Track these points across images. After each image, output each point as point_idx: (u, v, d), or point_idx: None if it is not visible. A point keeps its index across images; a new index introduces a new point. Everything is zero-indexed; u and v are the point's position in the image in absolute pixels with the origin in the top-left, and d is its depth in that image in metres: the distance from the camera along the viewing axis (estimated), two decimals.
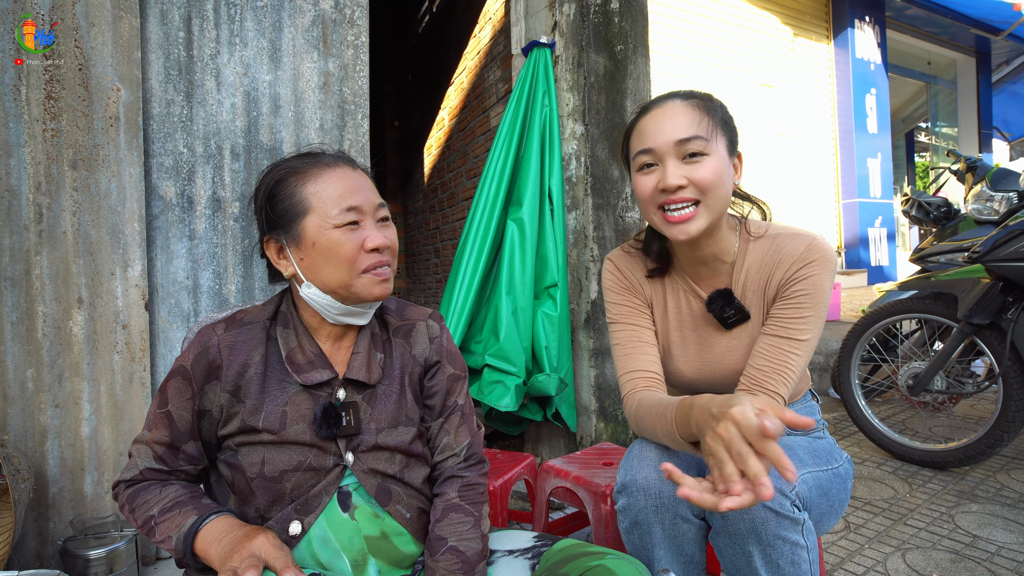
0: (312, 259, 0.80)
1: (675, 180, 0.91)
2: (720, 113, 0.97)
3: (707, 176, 0.91)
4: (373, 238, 0.80)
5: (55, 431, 1.49)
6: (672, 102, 0.96)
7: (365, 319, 0.86)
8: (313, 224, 0.79)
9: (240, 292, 1.73)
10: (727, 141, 0.96)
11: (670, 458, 0.94)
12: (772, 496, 0.65)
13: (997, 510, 1.81)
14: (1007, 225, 1.98)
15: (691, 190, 0.92)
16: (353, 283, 0.80)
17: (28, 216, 1.46)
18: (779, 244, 1.00)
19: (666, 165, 0.93)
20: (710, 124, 0.92)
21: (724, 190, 0.94)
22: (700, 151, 0.91)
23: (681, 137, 0.91)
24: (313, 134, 1.83)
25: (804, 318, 0.94)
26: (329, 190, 0.80)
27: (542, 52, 2.24)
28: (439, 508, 0.85)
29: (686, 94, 0.97)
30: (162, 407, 0.80)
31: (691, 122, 0.92)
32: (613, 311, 1.11)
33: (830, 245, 0.98)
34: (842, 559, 1.56)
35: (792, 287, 0.96)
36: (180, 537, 0.74)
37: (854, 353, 2.45)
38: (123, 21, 1.56)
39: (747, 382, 0.96)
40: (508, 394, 2.00)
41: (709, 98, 0.98)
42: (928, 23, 6.28)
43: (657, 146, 0.93)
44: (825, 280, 0.95)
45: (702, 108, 0.94)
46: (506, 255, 2.15)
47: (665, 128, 0.93)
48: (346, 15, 1.89)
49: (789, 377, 0.94)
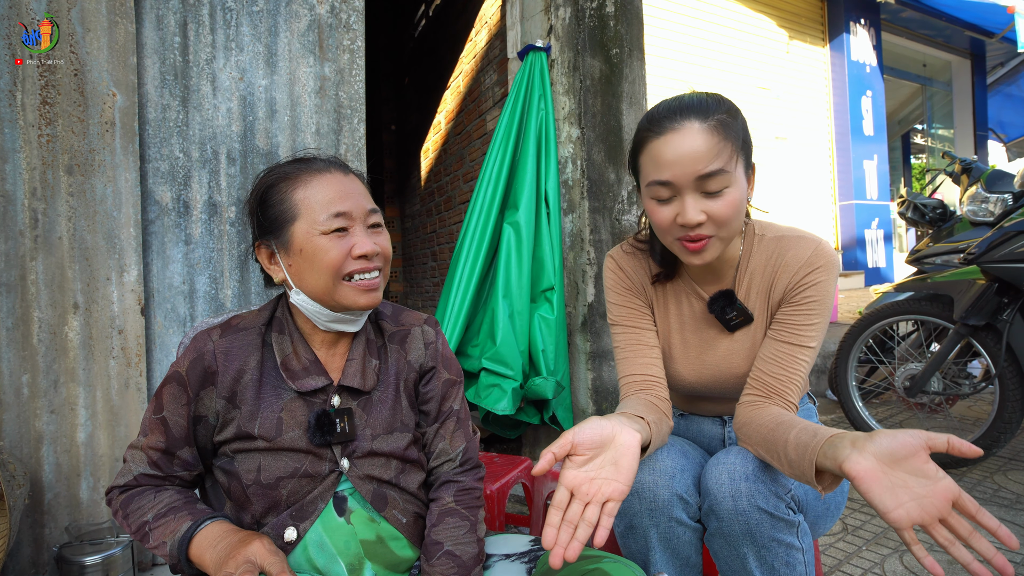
0: (299, 265, 0.80)
1: (695, 217, 0.85)
2: (741, 133, 0.88)
3: (726, 212, 0.86)
4: (361, 244, 0.79)
5: (51, 437, 1.48)
6: (690, 125, 0.85)
7: (356, 327, 0.86)
8: (301, 230, 0.79)
9: (236, 297, 1.73)
10: (745, 160, 0.90)
11: (664, 460, 0.93)
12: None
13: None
14: (1002, 226, 1.99)
15: (708, 226, 0.87)
16: (337, 290, 0.79)
17: (23, 221, 1.46)
18: (784, 247, 0.98)
19: (684, 200, 0.86)
20: (731, 152, 0.85)
21: (741, 216, 0.90)
22: (723, 186, 0.85)
23: (702, 172, 0.84)
24: (309, 138, 1.84)
25: (813, 324, 0.93)
26: (318, 196, 0.79)
27: (538, 56, 2.24)
28: (435, 513, 0.85)
29: (702, 109, 0.86)
30: (157, 413, 0.80)
31: (713, 153, 0.83)
32: (614, 312, 1.09)
33: (833, 249, 0.97)
34: (840, 560, 1.56)
35: (800, 293, 0.94)
36: (175, 543, 0.74)
37: (851, 355, 2.45)
38: (119, 26, 1.56)
39: (760, 388, 0.94)
40: (505, 398, 2.00)
41: (729, 114, 0.88)
42: (923, 26, 6.32)
43: (675, 179, 0.85)
44: (831, 286, 0.94)
45: (723, 133, 0.85)
46: (502, 259, 2.15)
47: (683, 159, 0.84)
48: (342, 20, 1.89)
49: (800, 385, 0.93)
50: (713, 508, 0.87)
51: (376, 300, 0.82)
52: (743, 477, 0.85)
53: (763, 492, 0.84)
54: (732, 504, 0.85)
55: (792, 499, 0.87)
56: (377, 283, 0.81)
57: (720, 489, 0.86)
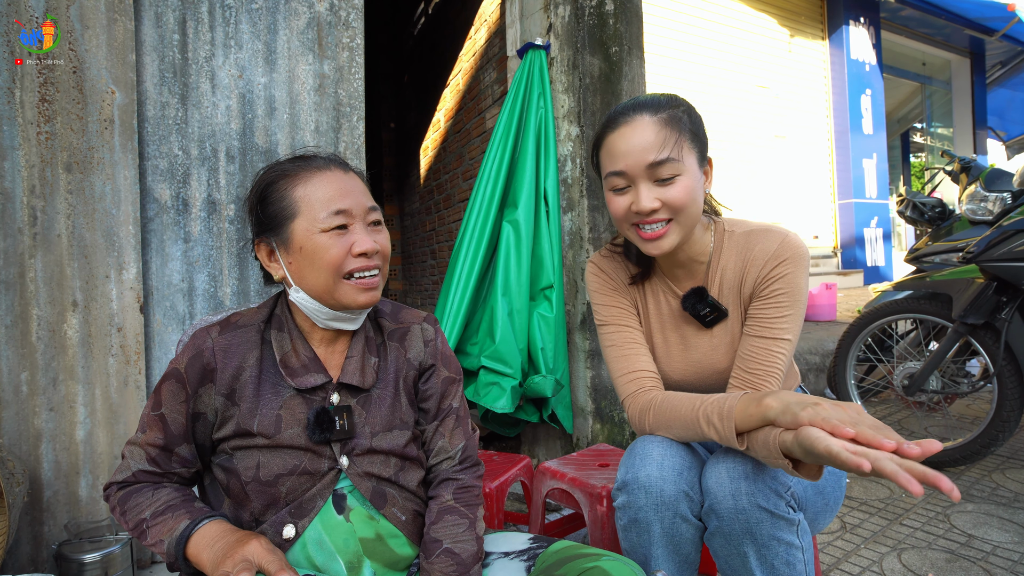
0: (299, 263, 0.80)
1: (648, 204, 0.92)
2: (689, 125, 0.94)
3: (680, 197, 0.92)
4: (361, 242, 0.79)
5: (49, 435, 1.48)
6: (640, 118, 0.93)
7: (355, 324, 0.86)
8: (301, 228, 0.79)
9: (235, 294, 1.73)
10: (698, 153, 0.95)
11: (672, 456, 0.94)
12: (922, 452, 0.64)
13: (992, 510, 1.82)
14: (1001, 225, 1.99)
15: (664, 211, 0.93)
16: (337, 289, 0.79)
17: (22, 219, 1.46)
18: (752, 241, 1.01)
19: (639, 188, 0.93)
20: (679, 142, 0.91)
21: (696, 206, 0.95)
22: (673, 173, 0.91)
23: (652, 160, 0.90)
24: (308, 136, 1.83)
25: (784, 316, 0.96)
26: (318, 194, 0.79)
27: (537, 54, 2.24)
28: (434, 510, 0.85)
29: (653, 105, 0.94)
30: (156, 409, 0.80)
31: (661, 143, 0.91)
32: (603, 313, 1.11)
33: (801, 240, 0.99)
34: (838, 559, 1.56)
35: (770, 286, 0.97)
36: (172, 541, 0.74)
37: (850, 353, 2.45)
38: (117, 24, 1.56)
39: (740, 384, 0.98)
40: (504, 396, 2.00)
41: (677, 108, 0.95)
42: (923, 24, 6.32)
43: (628, 168, 0.92)
44: (800, 277, 0.97)
45: (671, 124, 0.92)
46: (502, 257, 2.15)
47: (635, 149, 0.91)
48: (341, 17, 1.89)
49: (778, 376, 0.96)
50: (714, 507, 0.88)
51: (375, 299, 0.82)
52: (743, 476, 0.86)
53: (763, 490, 0.85)
54: (733, 503, 0.85)
55: (792, 497, 0.87)
56: (376, 282, 0.81)
57: (721, 488, 0.87)
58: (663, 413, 0.97)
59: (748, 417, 0.82)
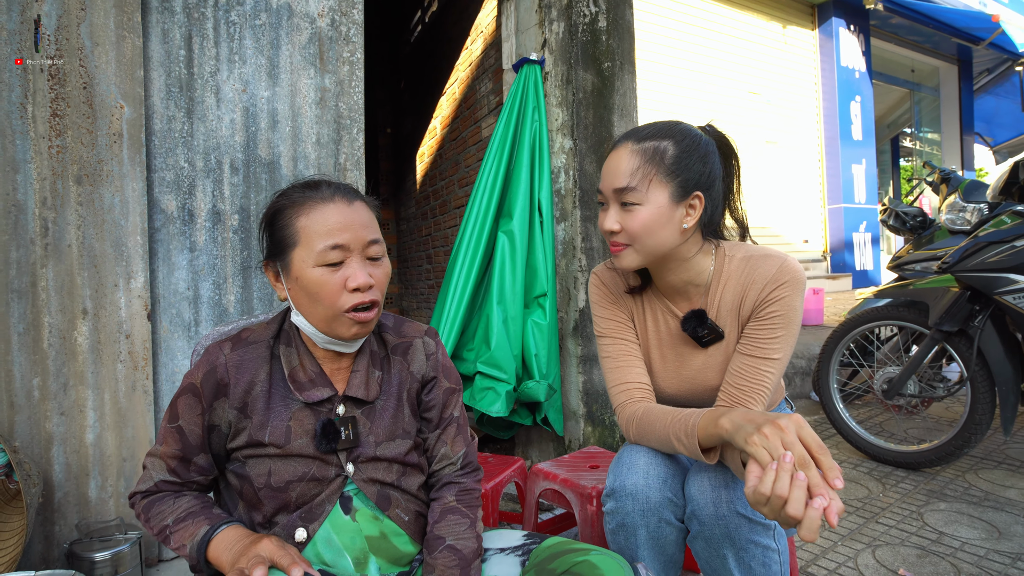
0: (296, 292, 0.84)
1: (608, 225, 1.01)
2: (668, 159, 0.97)
3: (633, 226, 0.98)
4: (355, 277, 0.80)
5: (60, 438, 1.53)
6: (624, 145, 1.00)
7: (350, 349, 0.89)
8: (299, 258, 0.82)
9: (239, 302, 1.79)
10: (674, 187, 0.97)
11: (657, 465, 1.01)
12: (842, 485, 0.70)
13: (963, 508, 1.90)
14: (976, 236, 2.07)
15: (623, 235, 1.00)
16: (332, 322, 0.83)
17: (34, 230, 1.51)
18: (752, 265, 1.04)
19: (608, 209, 1.02)
20: (647, 175, 0.96)
21: (655, 238, 0.99)
22: (633, 201, 0.98)
23: (617, 187, 0.98)
24: (309, 148, 1.89)
25: (777, 338, 1.00)
26: (317, 226, 0.81)
27: (532, 68, 2.30)
28: (437, 510, 0.91)
29: (639, 135, 1.00)
30: (173, 422, 0.86)
31: (629, 172, 0.97)
32: (602, 324, 1.16)
33: (799, 265, 1.03)
34: (815, 555, 1.64)
35: (766, 308, 1.01)
36: (194, 546, 0.80)
37: (833, 358, 2.54)
38: (126, 41, 1.61)
39: (726, 399, 1.02)
40: (499, 400, 2.07)
41: (662, 140, 0.98)
42: (911, 32, 6.42)
43: (604, 189, 1.02)
44: (796, 301, 1.01)
45: (645, 155, 0.97)
46: (497, 266, 2.21)
47: (609, 173, 1.00)
48: (342, 32, 1.95)
49: (765, 394, 1.00)
50: (696, 513, 0.94)
51: (366, 331, 0.85)
52: (723, 484, 0.92)
53: (742, 498, 0.91)
54: (713, 509, 0.91)
55: None
56: (370, 316, 0.83)
57: (703, 495, 0.93)
58: (643, 427, 1.03)
59: (709, 436, 0.88)
